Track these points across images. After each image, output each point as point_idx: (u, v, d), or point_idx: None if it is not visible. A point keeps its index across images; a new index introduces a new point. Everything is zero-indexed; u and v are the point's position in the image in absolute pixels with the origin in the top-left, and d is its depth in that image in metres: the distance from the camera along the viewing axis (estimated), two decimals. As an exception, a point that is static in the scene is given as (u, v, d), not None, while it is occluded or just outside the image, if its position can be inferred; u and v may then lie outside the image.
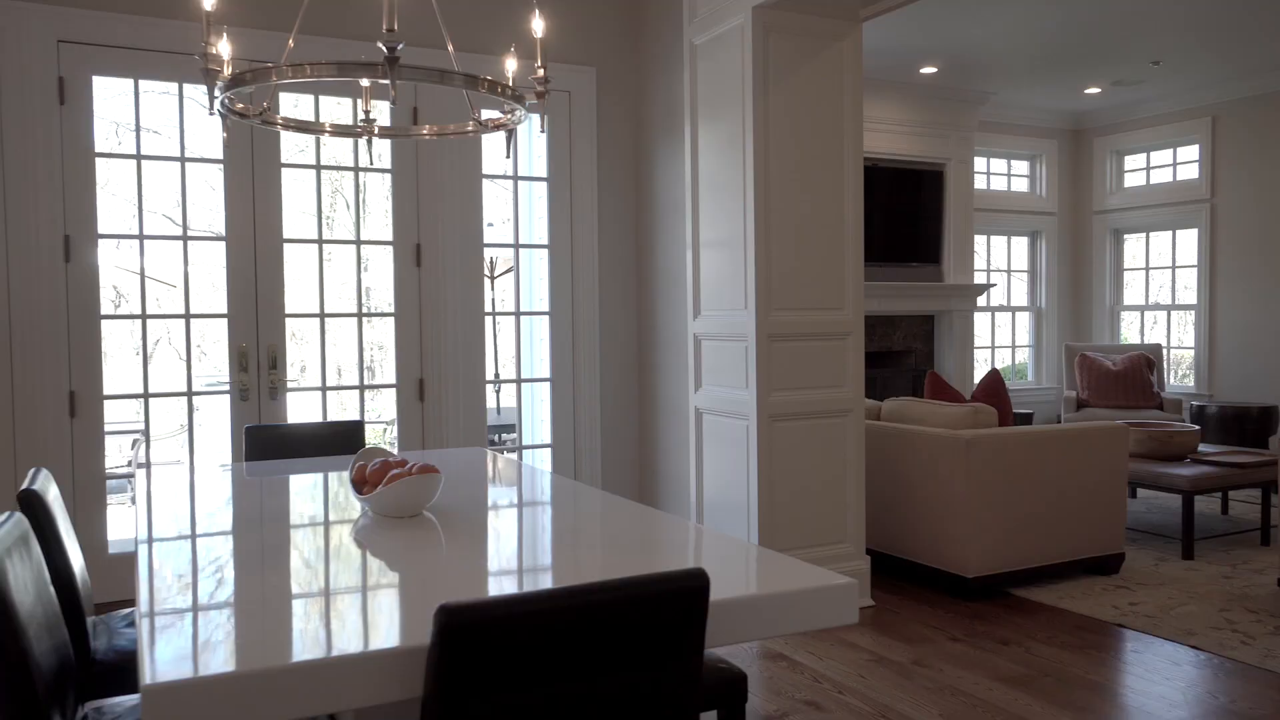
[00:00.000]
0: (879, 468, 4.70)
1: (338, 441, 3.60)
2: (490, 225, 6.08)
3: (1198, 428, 5.54)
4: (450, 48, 2.56)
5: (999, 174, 8.94)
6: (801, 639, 3.83)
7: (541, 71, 2.30)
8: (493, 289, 9.31)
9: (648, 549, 1.97)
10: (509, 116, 2.52)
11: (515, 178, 5.18)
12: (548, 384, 5.26)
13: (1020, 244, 9.17)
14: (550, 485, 2.75)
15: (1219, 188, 7.95)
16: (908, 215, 7.80)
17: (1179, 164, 8.39)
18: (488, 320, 5.22)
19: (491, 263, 9.22)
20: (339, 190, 7.42)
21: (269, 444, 3.53)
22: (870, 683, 3.37)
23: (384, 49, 1.97)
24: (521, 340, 5.39)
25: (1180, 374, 8.68)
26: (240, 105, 2.38)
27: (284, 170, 4.58)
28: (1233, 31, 6.33)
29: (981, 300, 8.71)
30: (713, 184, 4.33)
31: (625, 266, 5.37)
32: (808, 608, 1.67)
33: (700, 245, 4.44)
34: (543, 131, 2.39)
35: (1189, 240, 8.34)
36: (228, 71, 2.27)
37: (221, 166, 4.47)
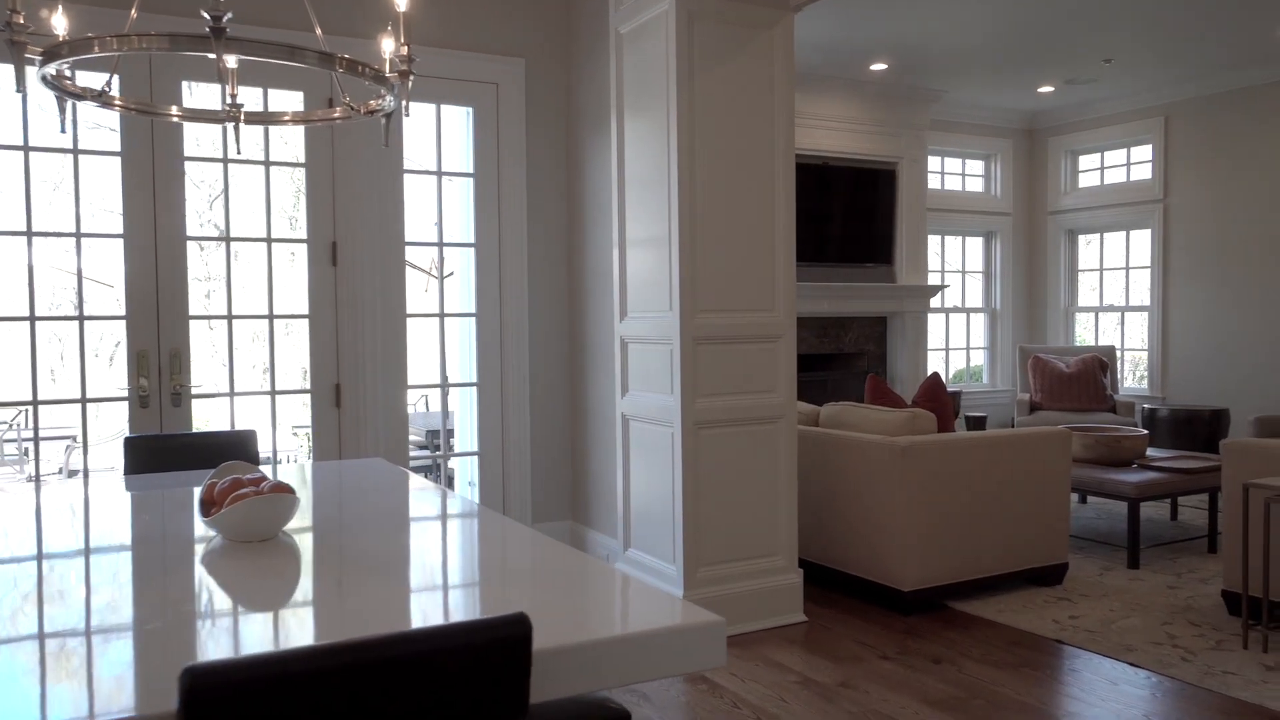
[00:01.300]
0: (815, 476, 4.52)
1: (229, 452, 3.35)
2: (437, 224, 5.86)
3: (1146, 432, 5.41)
4: (318, 31, 2.34)
5: (953, 173, 8.82)
6: (728, 657, 3.63)
7: (405, 50, 2.09)
8: (442, 290, 9.08)
9: (499, 584, 1.76)
10: (380, 102, 2.31)
11: (440, 173, 4.95)
12: (474, 389, 5.03)
13: (975, 244, 9.05)
14: (437, 505, 2.53)
15: (1171, 188, 7.87)
16: (860, 214, 7.65)
17: (1132, 164, 8.30)
18: (434, 322, 5.00)
19: (439, 262, 8.98)
20: (298, 190, 7.15)
21: (152, 456, 3.28)
22: (791, 708, 3.18)
23: (207, 18, 1.75)
24: (456, 343, 5.17)
25: (1138, 376, 8.59)
26: (69, 83, 2.14)
27: (188, 164, 4.33)
28: (1183, 30, 6.22)
29: (936, 301, 8.57)
30: (638, 180, 4.13)
31: (556, 266, 5.16)
32: (665, 652, 1.47)
33: (627, 244, 4.24)
34: (407, 115, 2.18)
35: (1143, 241, 8.26)
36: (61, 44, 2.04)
37: (119, 159, 4.21)
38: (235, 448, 3.37)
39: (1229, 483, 3.99)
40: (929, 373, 8.19)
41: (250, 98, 4.65)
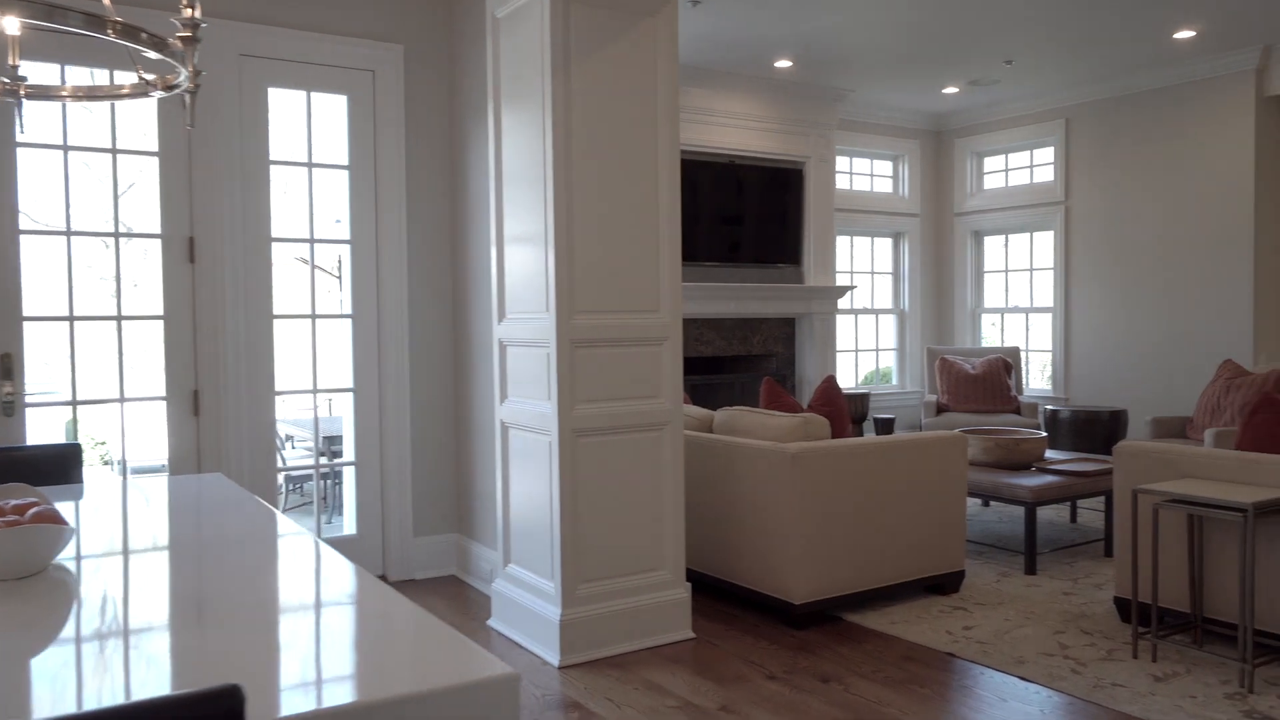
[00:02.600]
0: (706, 484, 4.33)
1: (48, 468, 3.02)
2: (339, 222, 5.54)
3: (1045, 434, 5.36)
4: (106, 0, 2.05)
5: (862, 174, 8.76)
6: (606, 680, 3.42)
7: (190, 11, 1.82)
8: (342, 289, 8.74)
9: (254, 638, 1.51)
10: (176, 77, 2.03)
11: (310, 165, 4.64)
12: (349, 395, 4.73)
13: (884, 245, 9.00)
14: (249, 529, 2.26)
15: (1072, 190, 7.91)
16: (769, 215, 7.51)
17: (1035, 166, 8.33)
18: (320, 324, 4.69)
19: (339, 262, 8.64)
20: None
21: (-42, 473, 2.93)
22: (665, 736, 2.98)
23: (-85, -37, 1.46)
24: (347, 347, 4.85)
25: (1046, 377, 8.63)
26: None
27: (20, 150, 3.96)
28: (1081, 33, 6.21)
29: (845, 303, 8.49)
30: (515, 173, 3.89)
31: (439, 265, 4.88)
32: (441, 715, 1.24)
33: (505, 242, 3.99)
34: (197, 85, 1.91)
35: (1046, 242, 8.29)
36: None
37: (-58, 145, 3.83)
38: (61, 462, 3.04)
39: (1120, 487, 3.91)
40: (836, 374, 8.10)
41: (99, 78, 4.29)
